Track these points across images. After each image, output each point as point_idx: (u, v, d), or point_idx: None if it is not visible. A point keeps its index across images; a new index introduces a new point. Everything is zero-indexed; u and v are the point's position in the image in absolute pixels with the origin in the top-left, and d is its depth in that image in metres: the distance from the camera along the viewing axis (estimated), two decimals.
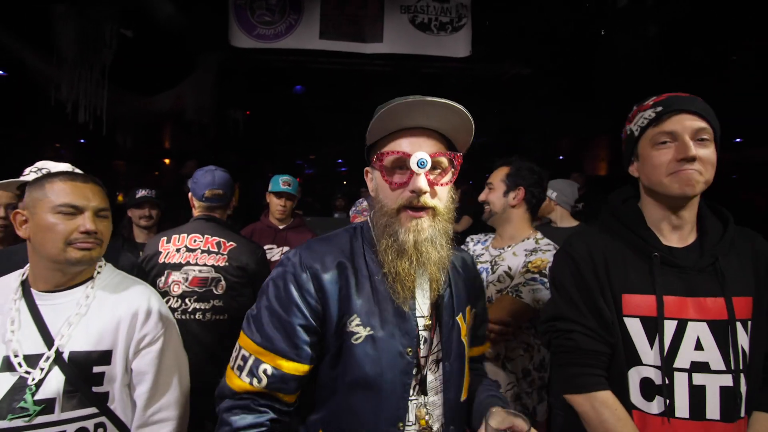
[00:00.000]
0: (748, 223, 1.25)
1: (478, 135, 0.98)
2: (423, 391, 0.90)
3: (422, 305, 0.94)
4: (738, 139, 7.13)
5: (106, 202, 1.15)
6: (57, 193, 1.08)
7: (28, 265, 1.14)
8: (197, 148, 8.01)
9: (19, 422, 0.99)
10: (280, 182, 2.65)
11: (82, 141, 9.90)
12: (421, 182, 0.86)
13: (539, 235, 1.68)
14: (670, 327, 0.97)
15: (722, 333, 0.95)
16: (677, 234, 1.05)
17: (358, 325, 0.87)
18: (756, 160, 7.55)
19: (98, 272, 1.18)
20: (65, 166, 1.47)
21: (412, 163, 0.85)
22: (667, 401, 0.96)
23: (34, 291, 1.11)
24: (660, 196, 1.03)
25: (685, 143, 0.97)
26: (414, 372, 0.89)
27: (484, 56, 4.58)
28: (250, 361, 0.88)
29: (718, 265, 0.97)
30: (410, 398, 0.88)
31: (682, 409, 0.96)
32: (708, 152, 0.98)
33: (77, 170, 1.36)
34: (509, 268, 1.64)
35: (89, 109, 3.80)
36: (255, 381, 0.86)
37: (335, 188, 7.53)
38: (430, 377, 0.91)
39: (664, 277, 1.00)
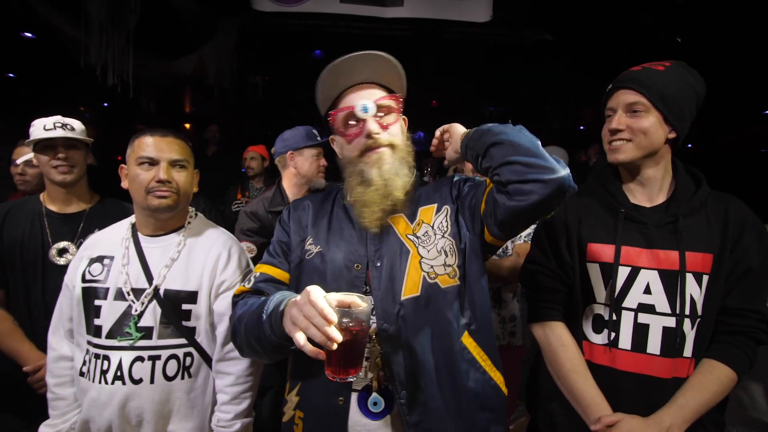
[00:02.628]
0: None
1: (497, 103, 1.09)
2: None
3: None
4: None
5: (184, 154, 1.26)
6: (140, 148, 1.22)
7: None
8: (217, 113, 8.13)
9: (125, 343, 1.18)
10: None
11: (105, 105, 10.12)
12: (371, 126, 1.00)
13: None
14: (623, 272, 1.10)
15: (672, 281, 1.06)
16: (647, 194, 1.15)
17: (311, 244, 1.06)
18: None
19: (190, 221, 1.33)
20: (51, 120, 1.54)
21: (358, 111, 0.99)
22: (612, 334, 1.10)
23: (140, 234, 1.28)
24: None
25: (614, 118, 1.13)
26: (364, 285, 1.00)
27: (506, 22, 4.49)
28: (251, 274, 1.11)
29: (679, 223, 1.07)
30: None
31: (625, 341, 1.09)
32: (639, 121, 1.09)
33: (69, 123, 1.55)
34: None
35: (116, 73, 3.91)
36: (247, 283, 1.08)
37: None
38: (373, 283, 1.00)
39: (626, 231, 1.11)
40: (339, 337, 0.74)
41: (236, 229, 1.85)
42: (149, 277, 1.22)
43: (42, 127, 1.51)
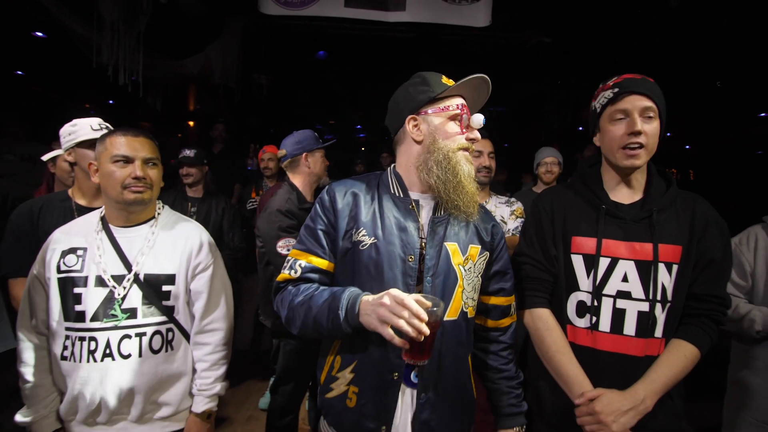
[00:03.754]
0: None
1: (497, 104, 1.23)
2: None
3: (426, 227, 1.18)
4: (763, 114, 7.00)
5: (154, 152, 1.36)
6: (113, 146, 1.31)
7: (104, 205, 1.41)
8: (221, 111, 8.23)
9: (110, 324, 1.29)
10: None
11: (110, 102, 10.24)
12: (478, 134, 1.19)
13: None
14: (604, 263, 1.22)
15: (646, 270, 1.19)
16: (626, 192, 1.28)
17: (364, 236, 1.13)
18: None
19: (159, 213, 1.44)
20: (96, 121, 1.71)
21: (477, 120, 1.15)
22: (594, 318, 1.23)
23: (111, 226, 1.37)
24: (613, 164, 1.26)
25: (633, 120, 1.18)
26: (416, 276, 1.11)
27: (505, 24, 4.59)
28: (291, 261, 1.19)
29: (653, 218, 1.20)
30: None
31: (604, 324, 1.22)
32: (652, 127, 1.19)
33: (108, 126, 1.64)
34: (502, 217, 2.03)
35: (127, 73, 4.02)
36: (292, 272, 1.17)
37: (354, 153, 7.69)
38: (426, 287, 1.12)
39: (607, 225, 1.24)
40: (427, 331, 0.91)
41: (272, 228, 1.98)
42: (127, 264, 1.33)
43: (89, 127, 1.64)
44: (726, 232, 1.23)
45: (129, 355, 1.30)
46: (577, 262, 1.26)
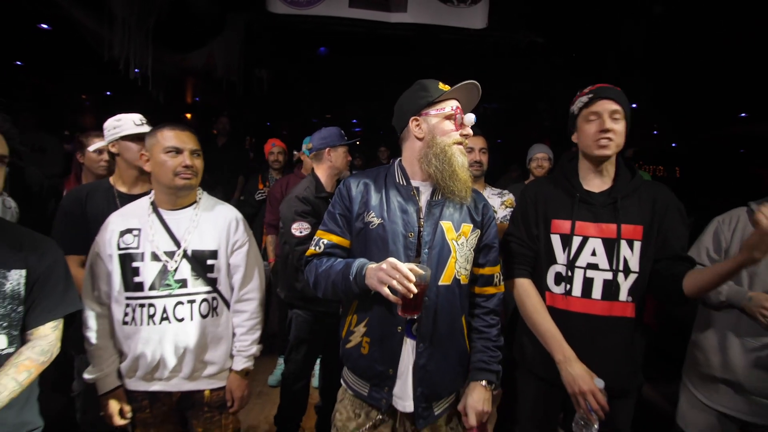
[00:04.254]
0: (755, 197, 1.70)
1: (492, 101, 1.47)
2: None
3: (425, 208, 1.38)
4: (743, 114, 7.30)
5: (198, 145, 1.56)
6: (164, 139, 1.50)
7: (153, 191, 1.61)
8: (223, 105, 8.35)
9: (165, 292, 1.51)
10: None
11: (108, 93, 10.30)
12: (471, 131, 1.39)
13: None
14: (577, 240, 1.48)
15: (610, 246, 1.44)
16: (597, 182, 1.52)
17: (373, 217, 1.36)
18: (764, 134, 7.73)
19: (200, 197, 1.64)
20: (137, 117, 1.91)
21: (470, 119, 1.36)
22: (568, 286, 1.49)
23: (160, 209, 1.57)
24: (587, 156, 1.51)
25: (604, 120, 1.43)
26: (415, 249, 1.33)
27: (501, 25, 4.81)
28: (317, 240, 1.44)
29: (618, 204, 1.45)
30: None
31: (576, 291, 1.48)
32: (619, 126, 1.44)
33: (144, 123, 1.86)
34: (493, 207, 2.22)
35: (138, 67, 4.18)
36: (317, 248, 1.42)
37: (352, 148, 7.87)
38: (423, 258, 1.33)
39: (580, 210, 1.49)
40: (415, 290, 1.13)
41: (290, 211, 2.19)
42: (176, 242, 1.53)
43: (132, 122, 1.85)
44: (684, 214, 1.49)
45: (182, 319, 1.52)
46: (555, 240, 1.52)
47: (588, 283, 1.46)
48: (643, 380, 1.54)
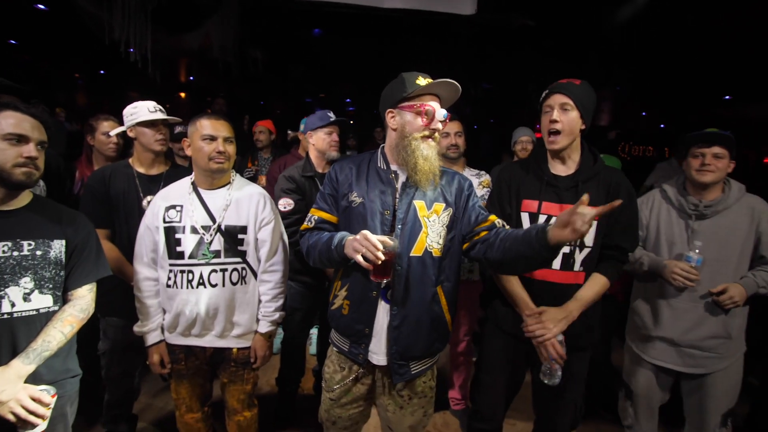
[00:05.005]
0: (739, 178, 1.93)
1: (482, 82, 1.63)
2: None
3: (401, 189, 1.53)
4: (727, 97, 7.49)
5: (231, 132, 1.73)
6: (202, 128, 1.69)
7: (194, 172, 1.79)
8: (218, 85, 8.38)
9: (202, 261, 1.71)
10: None
11: (102, 72, 10.24)
12: (440, 126, 1.50)
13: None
14: (542, 218, 1.66)
15: None
16: (563, 167, 1.72)
17: (355, 197, 1.53)
18: (747, 116, 7.96)
19: (233, 179, 1.82)
20: (152, 104, 2.06)
21: (440, 115, 1.47)
22: None
23: (199, 189, 1.76)
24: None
25: (552, 112, 1.62)
26: (390, 224, 1.49)
27: (491, 6, 4.91)
28: (309, 216, 1.63)
29: (579, 187, 1.64)
30: None
31: None
32: (568, 116, 1.61)
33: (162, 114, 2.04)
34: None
35: (137, 49, 4.27)
36: (309, 223, 1.62)
37: (346, 128, 7.97)
38: (396, 232, 1.49)
39: (546, 192, 1.69)
40: (382, 257, 1.31)
41: (276, 188, 2.39)
42: (212, 217, 1.72)
43: (147, 110, 2.02)
44: (634, 199, 1.70)
45: (216, 285, 1.72)
46: (525, 218, 1.72)
47: None
48: (599, 338, 1.80)
